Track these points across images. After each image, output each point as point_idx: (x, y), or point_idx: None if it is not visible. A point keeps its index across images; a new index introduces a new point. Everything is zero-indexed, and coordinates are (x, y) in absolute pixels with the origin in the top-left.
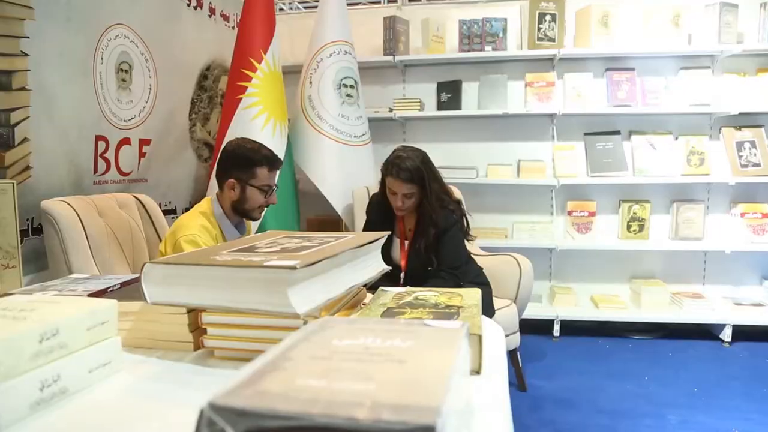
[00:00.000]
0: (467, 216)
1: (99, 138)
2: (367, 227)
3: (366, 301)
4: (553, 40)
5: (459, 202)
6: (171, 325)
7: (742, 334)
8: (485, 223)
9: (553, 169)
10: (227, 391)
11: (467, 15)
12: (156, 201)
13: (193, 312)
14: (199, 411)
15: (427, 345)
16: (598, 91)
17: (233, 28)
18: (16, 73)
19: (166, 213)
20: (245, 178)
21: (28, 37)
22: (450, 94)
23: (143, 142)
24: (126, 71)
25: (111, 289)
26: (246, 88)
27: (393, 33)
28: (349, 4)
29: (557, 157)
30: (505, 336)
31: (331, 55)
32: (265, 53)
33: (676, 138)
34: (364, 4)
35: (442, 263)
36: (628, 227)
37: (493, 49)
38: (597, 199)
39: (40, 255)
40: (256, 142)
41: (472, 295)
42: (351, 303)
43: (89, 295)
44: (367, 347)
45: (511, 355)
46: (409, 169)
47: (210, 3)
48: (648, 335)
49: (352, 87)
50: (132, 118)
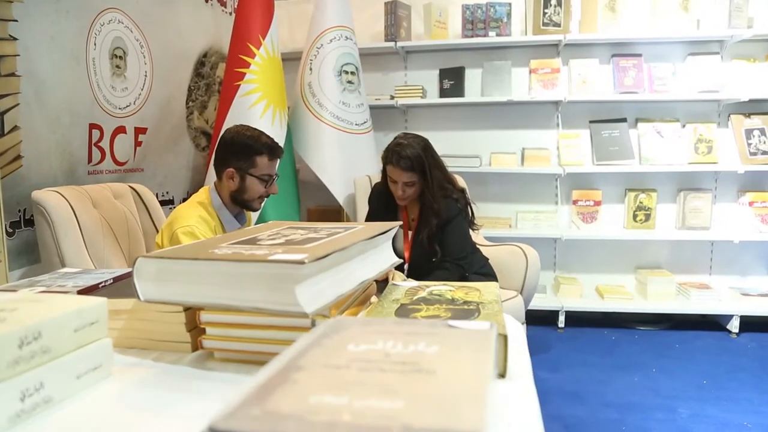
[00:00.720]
0: (472, 205)
1: (93, 126)
2: (370, 217)
3: (375, 297)
4: (558, 26)
5: (463, 191)
6: (167, 324)
7: (750, 324)
8: (489, 212)
9: (558, 158)
10: (230, 412)
11: None
12: (152, 191)
13: (191, 310)
14: None
15: (455, 351)
16: (604, 77)
17: (231, 13)
18: (5, 58)
19: (162, 203)
20: (245, 167)
21: (17, 21)
22: (453, 81)
23: (139, 131)
24: (120, 57)
25: (102, 284)
26: (244, 74)
27: (394, 18)
28: None
29: (562, 145)
30: None
31: (331, 41)
32: (263, 39)
33: (684, 126)
34: None
35: (447, 254)
36: (635, 216)
37: (497, 35)
38: (602, 188)
39: (33, 247)
40: (255, 130)
41: (490, 290)
42: (361, 299)
43: (79, 291)
44: (388, 353)
45: None
46: (410, 157)
47: None
48: (654, 326)
49: (353, 74)
50: (127, 106)
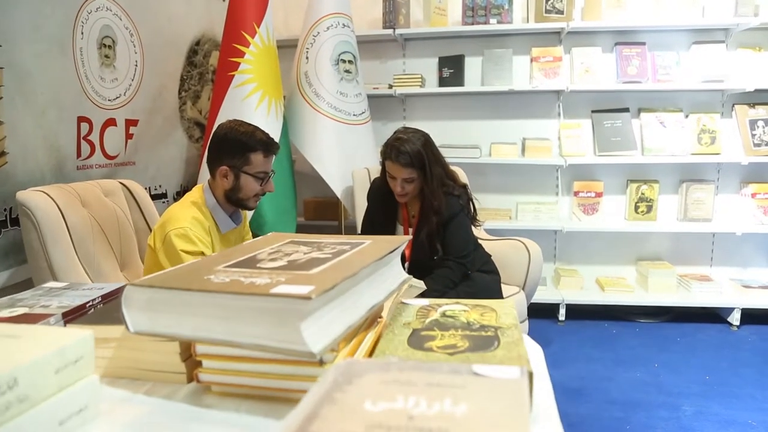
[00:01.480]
0: (474, 201)
1: (81, 119)
2: (369, 214)
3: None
4: (561, 13)
5: (465, 187)
6: (160, 353)
7: (750, 317)
8: (488, 203)
9: (559, 148)
10: None
11: None
12: (145, 185)
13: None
14: None
15: (486, 411)
16: (607, 66)
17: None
18: None
19: (155, 197)
20: (239, 165)
21: None
22: (452, 69)
23: (130, 123)
24: (109, 47)
25: (90, 304)
26: (238, 64)
27: (393, 5)
28: None
29: (563, 135)
30: None
31: (328, 28)
32: (258, 27)
33: (687, 116)
34: None
35: (449, 252)
36: (636, 208)
37: (498, 22)
38: (604, 179)
39: (20, 247)
40: (249, 125)
41: (507, 311)
42: (369, 321)
43: (64, 314)
44: (411, 416)
45: None
46: (409, 153)
47: None
48: (655, 319)
49: (350, 62)
50: (117, 98)
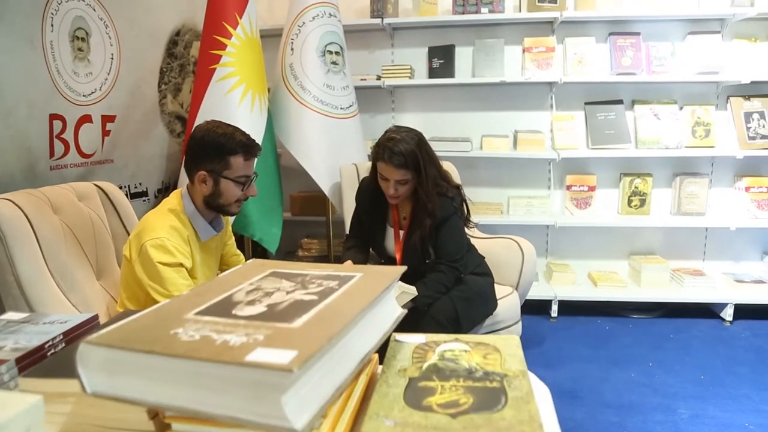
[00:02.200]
0: (467, 202)
1: (54, 117)
2: (357, 215)
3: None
4: (554, 2)
5: (458, 188)
6: (124, 410)
7: (743, 312)
8: (479, 197)
9: (552, 141)
10: None
11: None
12: (124, 183)
13: None
14: None
15: None
16: (600, 57)
17: None
18: None
19: (135, 196)
20: (218, 170)
21: None
22: (442, 60)
23: (106, 119)
24: (83, 39)
25: (50, 344)
26: (220, 57)
27: None
28: None
29: (556, 128)
30: (507, 327)
31: (314, 18)
32: (240, 18)
33: (681, 108)
34: None
35: (441, 255)
36: (629, 202)
37: (489, 11)
38: (597, 172)
39: None
40: (228, 126)
41: (512, 350)
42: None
43: (18, 359)
44: None
45: None
46: (403, 153)
47: None
48: (647, 314)
49: (337, 54)
50: (92, 93)
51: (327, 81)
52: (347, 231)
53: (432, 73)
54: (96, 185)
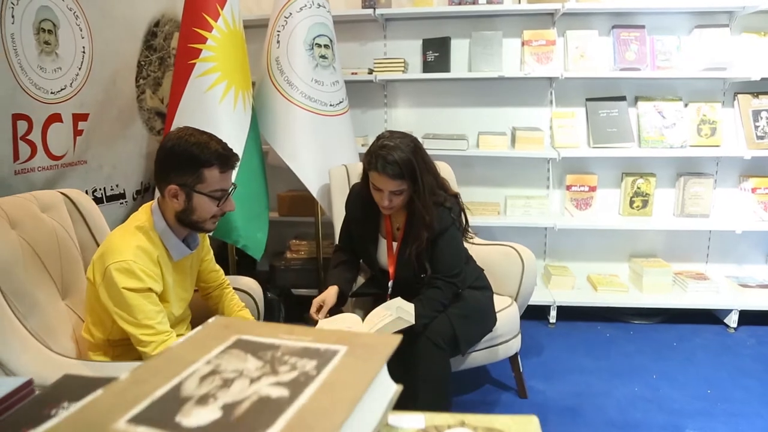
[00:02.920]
0: (465, 211)
1: (18, 117)
2: (347, 225)
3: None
4: None
5: (456, 196)
6: None
7: (748, 317)
8: (475, 197)
9: (551, 139)
10: None
11: None
12: (99, 185)
13: None
14: None
15: None
16: (603, 51)
17: None
18: None
19: (112, 198)
20: (190, 183)
21: None
22: (437, 53)
23: (78, 118)
24: (49, 32)
25: None
26: (200, 51)
27: None
28: None
29: (556, 125)
30: (506, 341)
31: (301, 9)
32: (222, 9)
33: (686, 105)
34: None
35: (438, 270)
36: (631, 203)
37: (487, 2)
38: (598, 172)
39: None
40: (202, 134)
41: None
42: None
43: None
44: None
45: (510, 360)
46: (398, 162)
47: None
48: (649, 320)
49: (326, 47)
50: (62, 90)
51: (315, 76)
52: (336, 239)
53: (426, 66)
54: (62, 193)
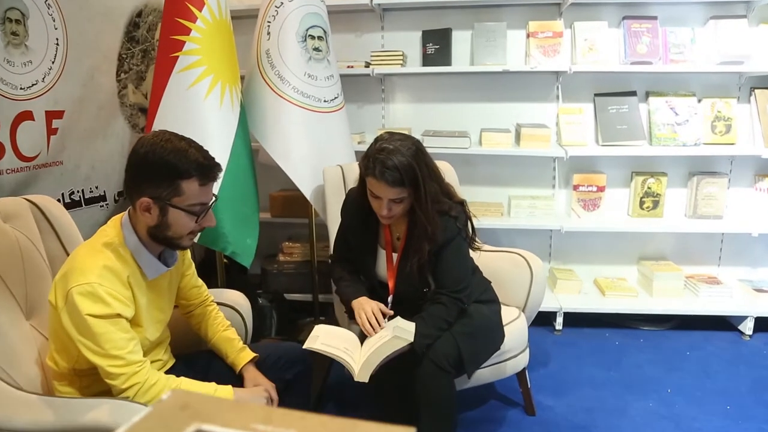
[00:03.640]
0: (472, 219)
1: None
2: (343, 233)
3: None
4: None
5: (462, 204)
6: None
7: (763, 324)
8: (478, 196)
9: (558, 136)
10: None
11: None
12: (77, 188)
13: None
14: None
15: None
16: (613, 43)
17: None
18: None
19: (91, 201)
20: (165, 197)
21: None
22: (438, 45)
23: (52, 115)
24: (17, 21)
25: None
26: (183, 43)
27: None
28: None
29: (563, 122)
30: (514, 357)
31: None
32: None
33: (700, 100)
34: None
35: (442, 285)
36: (641, 203)
37: None
38: (607, 171)
39: None
40: (181, 140)
41: None
42: None
43: None
44: None
45: (518, 375)
46: (398, 168)
47: None
48: (659, 326)
49: (320, 39)
50: (33, 85)
51: (309, 70)
52: (331, 243)
53: (426, 60)
54: (28, 200)
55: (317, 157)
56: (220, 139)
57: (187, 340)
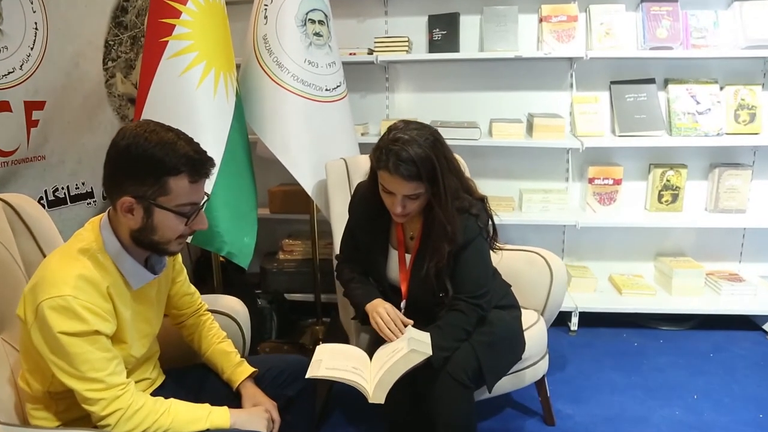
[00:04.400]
0: (493, 218)
1: None
2: (351, 232)
3: None
4: None
5: (483, 200)
6: None
7: None
8: (488, 189)
9: (572, 126)
10: None
11: None
12: (62, 184)
13: None
14: None
15: None
16: (631, 28)
17: None
18: None
19: (77, 198)
20: (150, 195)
21: None
22: (445, 31)
23: (32, 106)
24: None
25: None
26: (173, 26)
27: None
28: None
29: (577, 111)
30: (533, 364)
31: None
32: None
33: (722, 88)
34: None
35: (461, 290)
36: (660, 197)
37: None
38: (624, 163)
39: None
40: (168, 131)
41: None
42: None
43: None
44: None
45: (536, 383)
46: (414, 160)
47: None
48: (679, 325)
49: (321, 23)
50: (9, 73)
51: (309, 57)
52: (335, 241)
53: (433, 46)
54: (2, 200)
55: (319, 149)
56: (215, 132)
57: (179, 353)
